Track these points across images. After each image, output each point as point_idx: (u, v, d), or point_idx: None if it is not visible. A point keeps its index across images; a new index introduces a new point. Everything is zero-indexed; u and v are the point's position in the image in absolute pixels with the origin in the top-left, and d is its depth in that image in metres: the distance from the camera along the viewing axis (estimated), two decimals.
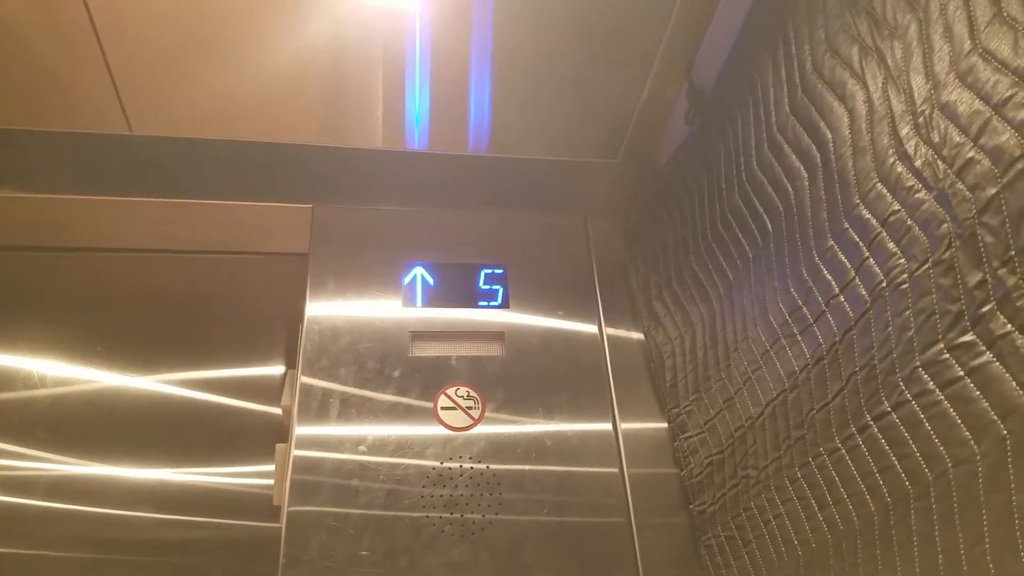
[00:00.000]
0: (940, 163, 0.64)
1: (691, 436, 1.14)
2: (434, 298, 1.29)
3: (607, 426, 1.21)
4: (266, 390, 1.31)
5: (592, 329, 1.30)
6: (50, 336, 1.31)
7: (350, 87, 1.18)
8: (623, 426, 1.21)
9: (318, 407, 1.15)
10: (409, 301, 1.27)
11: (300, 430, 1.13)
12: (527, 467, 1.15)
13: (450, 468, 1.13)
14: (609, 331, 1.30)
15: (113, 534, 1.19)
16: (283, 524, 1.05)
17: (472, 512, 1.10)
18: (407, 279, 1.29)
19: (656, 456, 1.20)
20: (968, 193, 0.61)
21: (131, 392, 1.29)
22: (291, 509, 1.06)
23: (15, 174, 1.25)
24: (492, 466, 1.14)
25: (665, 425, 1.22)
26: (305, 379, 1.17)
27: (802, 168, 0.85)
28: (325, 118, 1.22)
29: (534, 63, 1.16)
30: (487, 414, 1.19)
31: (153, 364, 1.31)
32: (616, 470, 1.17)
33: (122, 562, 1.18)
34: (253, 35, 1.08)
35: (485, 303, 1.30)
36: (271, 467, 1.18)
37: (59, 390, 1.28)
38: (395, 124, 1.23)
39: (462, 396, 1.20)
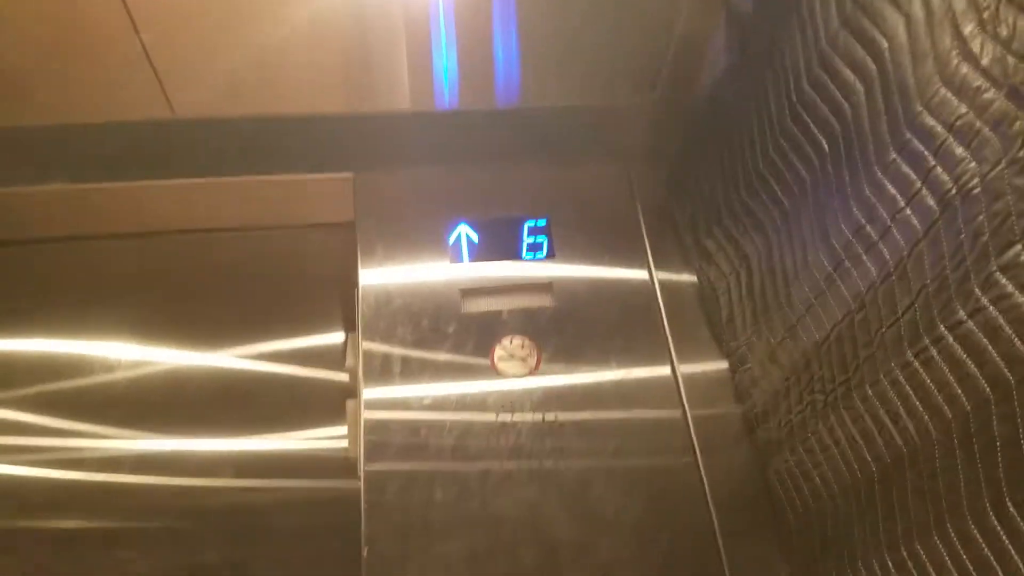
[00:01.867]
0: (1009, 58, 0.62)
1: (752, 368, 1.14)
2: (480, 254, 1.30)
3: (666, 370, 1.21)
4: (328, 356, 1.35)
5: (642, 274, 1.30)
6: (120, 320, 1.36)
7: (373, 51, 1.18)
8: (682, 369, 1.22)
9: (381, 368, 1.18)
10: (456, 259, 1.29)
11: (367, 392, 1.16)
12: (588, 414, 1.16)
13: (512, 419, 1.15)
14: (660, 275, 1.30)
15: (197, 502, 1.25)
16: (361, 479, 1.10)
17: (537, 460, 1.12)
18: (452, 238, 1.30)
19: (718, 395, 1.20)
20: None
21: (201, 369, 1.35)
22: (367, 468, 1.10)
23: (67, 166, 1.29)
24: (553, 415, 1.16)
25: (725, 364, 1.22)
26: (366, 341, 1.20)
27: (857, 82, 0.83)
28: (350, 85, 1.23)
29: (560, 5, 1.14)
30: (543, 363, 1.20)
31: (219, 340, 1.36)
32: (679, 413, 1.18)
33: (207, 527, 1.24)
34: (278, 5, 1.08)
35: (531, 255, 1.31)
36: (341, 429, 1.23)
37: (135, 372, 1.34)
38: (422, 85, 1.23)
39: (517, 346, 1.21)
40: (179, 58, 1.13)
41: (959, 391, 0.73)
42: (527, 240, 1.31)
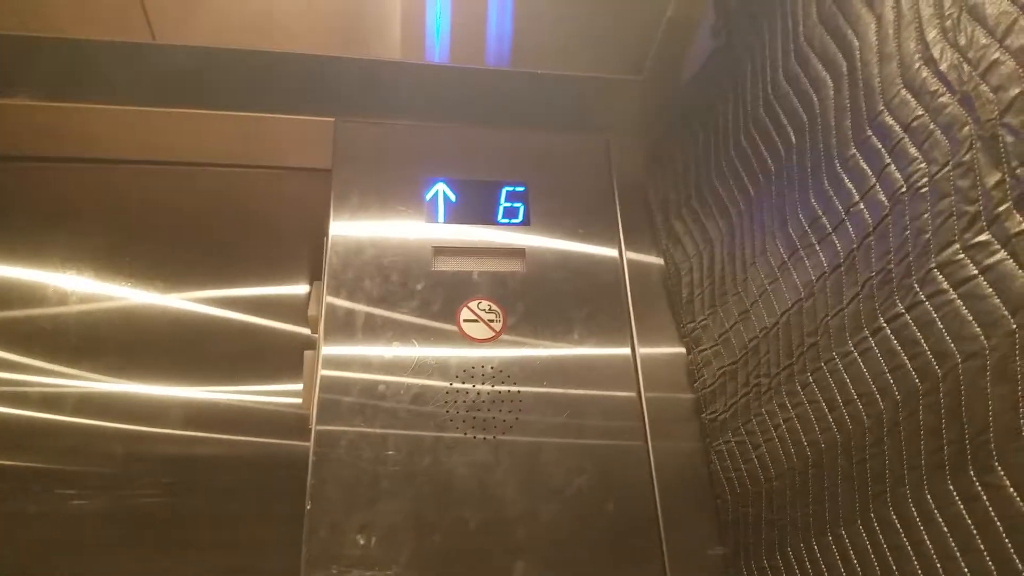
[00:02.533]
0: (965, 65, 0.65)
1: (705, 349, 1.17)
2: (456, 214, 1.30)
3: (626, 350, 1.23)
4: (291, 308, 1.32)
5: (612, 252, 1.31)
6: (77, 249, 1.30)
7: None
8: (641, 350, 1.23)
9: (344, 320, 1.18)
10: (431, 217, 1.28)
11: (326, 348, 1.15)
12: (545, 387, 1.18)
13: (472, 385, 1.16)
14: (629, 255, 1.32)
15: (141, 449, 1.20)
16: (312, 433, 1.09)
17: (491, 430, 1.13)
18: (429, 195, 1.30)
19: (673, 380, 1.22)
20: (991, 94, 0.62)
21: (158, 308, 1.29)
22: (319, 427, 1.09)
23: (37, 82, 1.24)
24: (511, 383, 1.17)
25: (682, 349, 1.24)
26: (331, 293, 1.19)
27: (828, 77, 0.85)
28: (342, 28, 1.20)
29: None
30: (508, 327, 1.21)
31: (180, 280, 1.31)
32: (633, 394, 1.20)
33: (149, 475, 1.19)
34: None
35: (507, 220, 1.31)
36: (297, 385, 1.21)
37: (88, 306, 1.28)
38: (414, 35, 1.21)
39: (484, 309, 1.23)
40: None
41: (891, 381, 0.76)
42: (504, 205, 1.31)
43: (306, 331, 1.30)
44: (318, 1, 1.15)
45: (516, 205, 1.32)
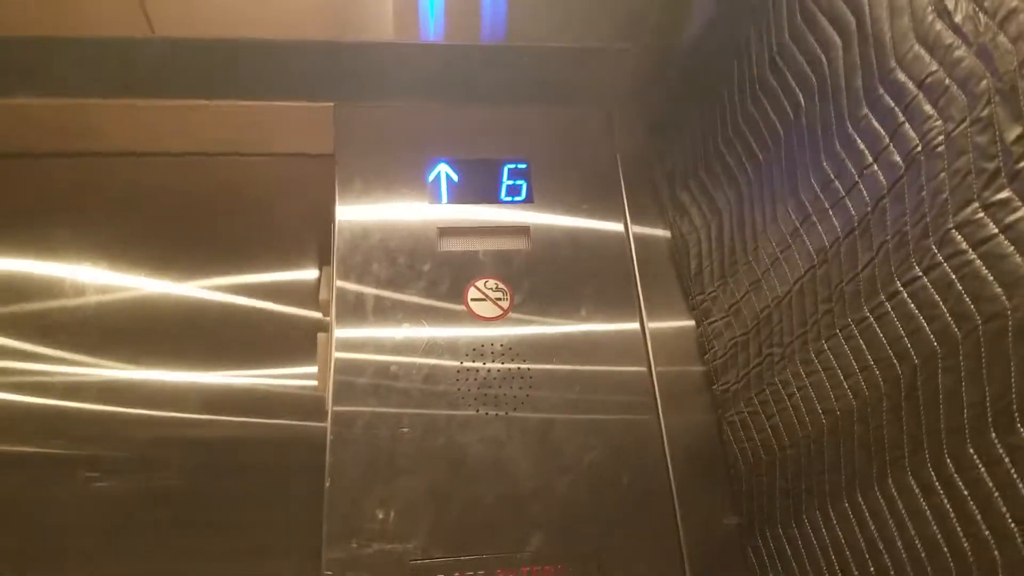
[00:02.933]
0: (981, 16, 0.63)
1: (716, 321, 1.16)
2: (459, 194, 1.29)
3: (634, 325, 1.22)
4: (301, 292, 1.34)
5: (618, 227, 1.30)
6: (92, 243, 1.33)
7: None
8: (650, 325, 1.23)
9: (354, 304, 1.18)
10: (435, 198, 1.28)
11: (338, 331, 1.16)
12: (555, 364, 1.17)
13: (482, 363, 1.16)
14: (635, 229, 1.31)
15: (161, 433, 1.24)
16: (328, 415, 1.10)
17: (503, 407, 1.14)
18: (431, 176, 1.29)
19: (684, 353, 1.22)
20: (1010, 45, 0.60)
21: (172, 297, 1.33)
22: (336, 408, 1.11)
23: (42, 80, 1.25)
24: (521, 361, 1.17)
25: (691, 322, 1.23)
26: (340, 277, 1.20)
27: (836, 35, 0.83)
28: (334, 11, 1.20)
29: None
30: (515, 305, 1.21)
31: (191, 269, 1.34)
32: (644, 368, 1.19)
33: (169, 458, 1.23)
34: None
35: (510, 198, 1.30)
36: (311, 368, 1.23)
37: (104, 297, 1.31)
38: (407, 14, 1.20)
39: (491, 288, 1.22)
40: None
41: (909, 345, 0.75)
42: (507, 183, 1.31)
43: (318, 315, 1.31)
44: None
45: (518, 183, 1.31)
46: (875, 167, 0.78)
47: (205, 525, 1.22)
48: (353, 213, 1.25)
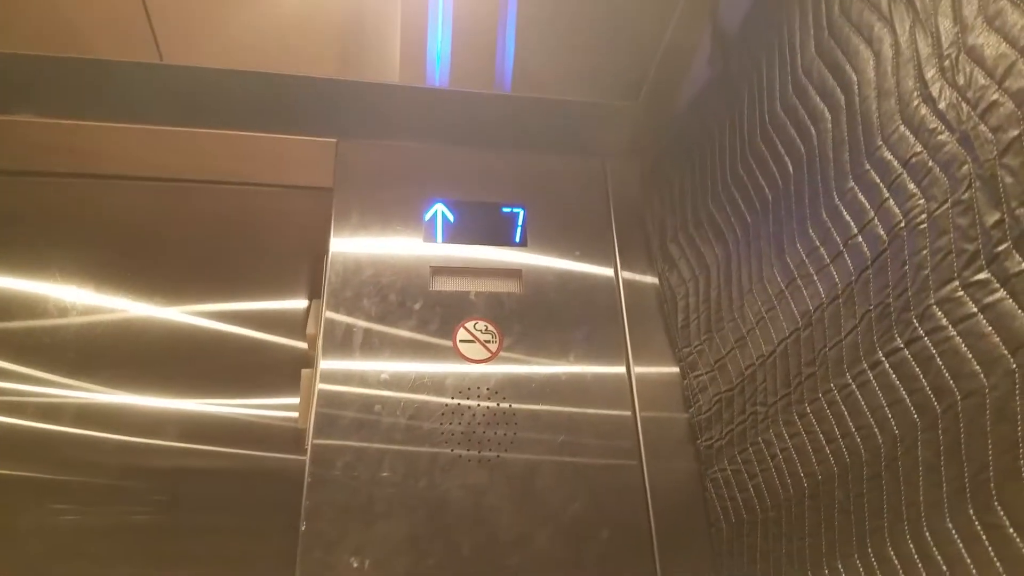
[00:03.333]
0: (964, 105, 0.65)
1: (701, 375, 1.17)
2: (454, 235, 1.31)
3: (621, 369, 1.23)
4: (289, 323, 1.34)
5: (608, 272, 1.32)
6: (80, 264, 1.32)
7: (369, 21, 1.18)
8: (636, 369, 1.24)
9: (342, 338, 1.18)
10: (430, 237, 1.29)
11: (324, 363, 1.15)
12: (542, 405, 1.18)
13: (467, 403, 1.16)
14: (625, 275, 1.33)
15: (137, 461, 1.22)
16: (308, 451, 1.10)
17: (488, 448, 1.14)
18: (428, 215, 1.31)
19: (668, 400, 1.22)
20: (990, 135, 0.62)
21: (158, 322, 1.31)
22: (315, 441, 1.10)
23: (43, 99, 1.25)
24: (507, 403, 1.17)
25: (676, 369, 1.24)
26: (330, 310, 1.20)
27: (826, 110, 0.86)
28: (343, 52, 1.22)
29: (559, 2, 1.15)
30: (504, 348, 1.22)
31: (180, 294, 1.33)
32: (629, 413, 1.20)
33: (145, 488, 1.21)
34: None
35: (504, 241, 1.32)
36: (294, 399, 1.21)
37: (88, 318, 1.30)
38: (414, 60, 1.23)
39: (480, 330, 1.23)
40: (175, 9, 1.11)
41: (889, 415, 0.76)
42: (502, 226, 1.33)
43: (303, 346, 1.31)
44: (321, 25, 1.17)
45: (513, 226, 1.33)
46: (860, 238, 0.80)
47: (178, 558, 1.19)
48: (347, 246, 1.26)
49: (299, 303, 1.36)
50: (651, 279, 1.34)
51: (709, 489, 1.13)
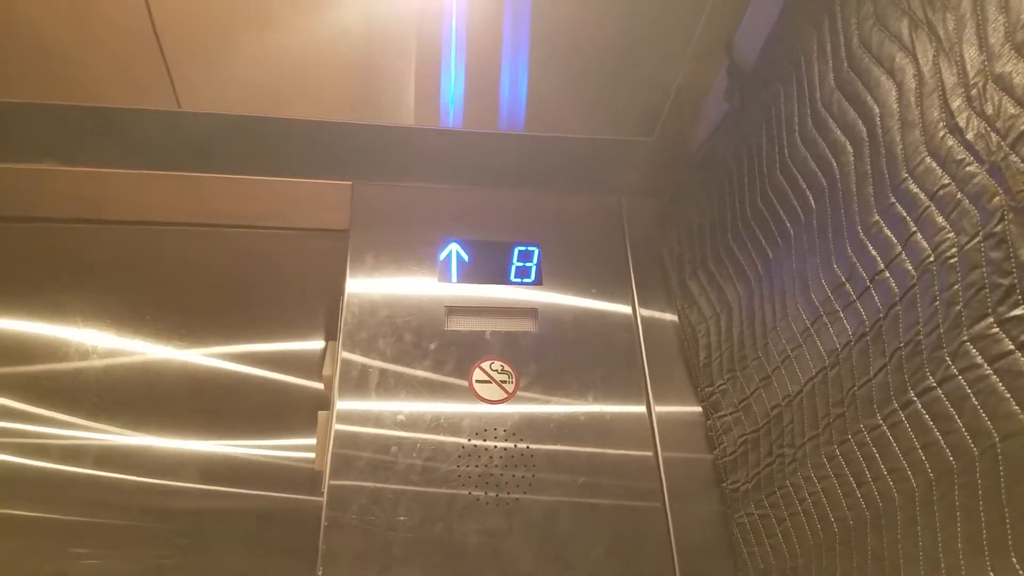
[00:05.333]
0: (993, 135, 0.63)
1: (725, 415, 1.14)
2: (469, 274, 1.30)
3: (641, 408, 1.21)
4: (307, 364, 1.34)
5: (626, 309, 1.30)
6: (100, 307, 1.34)
7: (384, 66, 1.19)
8: (657, 409, 1.21)
9: (358, 379, 1.18)
10: (445, 276, 1.29)
11: (340, 403, 1.15)
12: (560, 446, 1.16)
13: (484, 444, 1.14)
14: (643, 312, 1.31)
15: (158, 502, 1.22)
16: (324, 493, 1.08)
17: (506, 490, 1.11)
18: (443, 255, 1.30)
19: (691, 440, 1.20)
20: (1022, 165, 0.60)
21: (177, 364, 1.33)
22: (332, 482, 1.09)
23: (64, 148, 1.28)
24: (525, 444, 1.15)
25: (699, 408, 1.22)
26: (346, 351, 1.19)
27: (847, 143, 0.84)
28: (358, 97, 1.24)
29: (571, 39, 1.16)
30: (521, 389, 1.20)
31: (198, 337, 1.34)
32: (650, 453, 1.17)
33: (165, 529, 1.20)
34: (294, 13, 1.09)
35: (519, 280, 1.31)
36: (312, 440, 1.21)
37: (109, 361, 1.32)
38: (428, 102, 1.24)
39: (496, 370, 1.21)
40: (192, 56, 1.14)
41: (923, 457, 0.73)
42: (516, 264, 1.32)
43: (319, 386, 1.30)
44: (337, 69, 1.18)
45: (528, 265, 1.32)
46: (887, 273, 0.77)
47: None
48: (363, 287, 1.26)
49: (316, 344, 1.36)
50: (670, 316, 1.32)
51: (735, 534, 1.09)
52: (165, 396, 1.29)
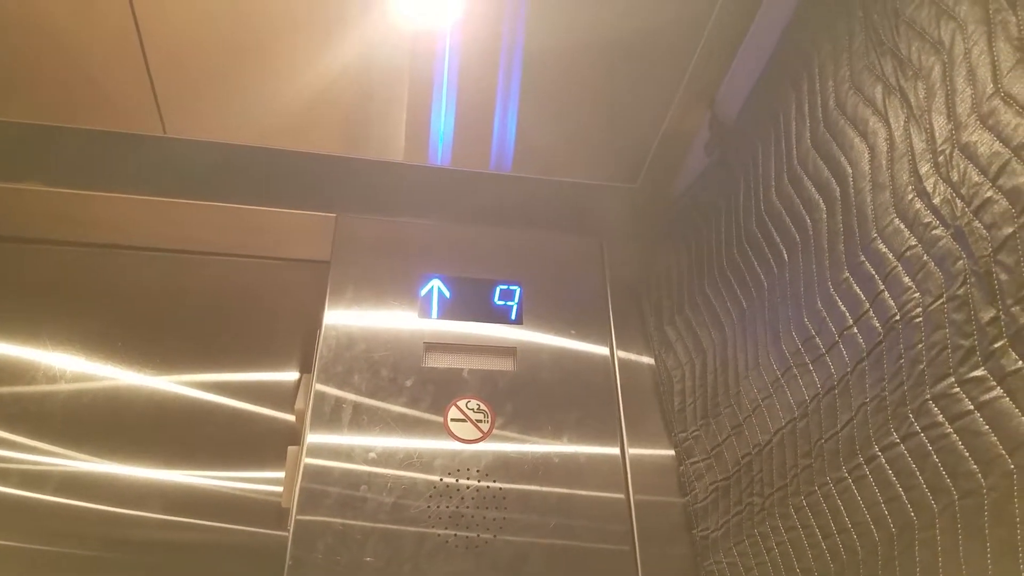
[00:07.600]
0: (958, 201, 0.66)
1: (697, 462, 1.14)
2: (449, 311, 1.30)
3: (615, 450, 1.21)
4: (279, 395, 1.32)
5: (604, 351, 1.31)
6: (72, 331, 1.32)
7: (375, 103, 1.21)
8: (631, 451, 1.21)
9: (330, 413, 1.16)
10: (425, 312, 1.29)
11: (311, 437, 1.13)
12: (533, 486, 1.15)
13: (457, 483, 1.13)
14: (620, 354, 1.31)
15: (120, 533, 1.19)
16: (290, 529, 1.06)
17: (476, 530, 1.10)
18: (424, 291, 1.31)
19: (663, 484, 1.20)
20: (985, 231, 0.63)
21: (146, 391, 1.30)
22: (299, 517, 1.07)
23: (45, 168, 1.27)
24: (498, 484, 1.14)
25: (672, 452, 1.22)
26: (320, 384, 1.18)
27: (821, 201, 0.87)
28: (348, 132, 1.25)
29: (560, 87, 1.19)
30: (496, 428, 1.19)
31: (170, 364, 1.32)
32: (623, 496, 1.17)
33: (127, 561, 1.18)
34: (287, 48, 1.11)
35: (499, 318, 1.31)
36: (280, 473, 1.19)
37: (77, 385, 1.29)
38: (418, 140, 1.26)
39: (472, 408, 1.21)
40: (180, 83, 1.15)
41: (886, 512, 0.74)
42: (497, 303, 1.32)
43: (290, 418, 1.28)
44: (329, 106, 1.20)
45: (510, 304, 1.32)
46: (855, 329, 0.79)
47: None
48: (341, 319, 1.25)
49: (290, 376, 1.35)
50: (647, 360, 1.33)
51: None
52: (133, 424, 1.26)
